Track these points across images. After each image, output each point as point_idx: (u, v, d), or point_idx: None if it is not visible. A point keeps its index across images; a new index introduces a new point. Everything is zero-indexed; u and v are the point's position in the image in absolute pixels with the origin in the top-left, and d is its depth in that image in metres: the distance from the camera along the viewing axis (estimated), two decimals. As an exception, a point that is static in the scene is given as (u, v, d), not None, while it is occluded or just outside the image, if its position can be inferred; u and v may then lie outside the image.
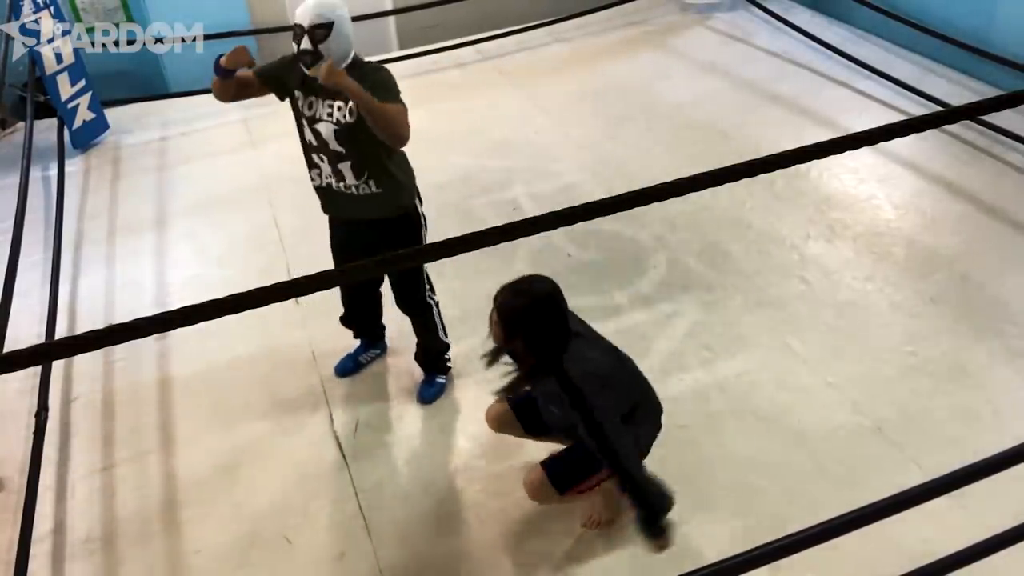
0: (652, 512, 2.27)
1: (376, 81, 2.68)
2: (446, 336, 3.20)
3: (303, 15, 2.61)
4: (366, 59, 2.80)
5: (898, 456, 2.89)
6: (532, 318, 2.27)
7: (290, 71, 2.75)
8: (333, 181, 2.84)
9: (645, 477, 2.32)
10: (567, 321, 2.34)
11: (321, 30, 2.59)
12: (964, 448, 2.82)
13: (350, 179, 2.81)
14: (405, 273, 3.01)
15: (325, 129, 2.74)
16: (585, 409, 2.27)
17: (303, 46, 2.62)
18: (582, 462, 2.47)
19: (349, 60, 2.69)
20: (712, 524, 2.69)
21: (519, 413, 2.69)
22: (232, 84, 2.76)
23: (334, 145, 2.75)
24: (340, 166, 2.79)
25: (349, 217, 2.96)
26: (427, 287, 3.09)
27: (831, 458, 2.90)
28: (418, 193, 3.00)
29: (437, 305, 3.15)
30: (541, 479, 2.50)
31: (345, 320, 3.32)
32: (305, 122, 2.79)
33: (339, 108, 2.70)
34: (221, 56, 2.68)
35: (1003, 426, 2.98)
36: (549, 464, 2.51)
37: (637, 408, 2.45)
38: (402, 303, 3.11)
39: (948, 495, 1.99)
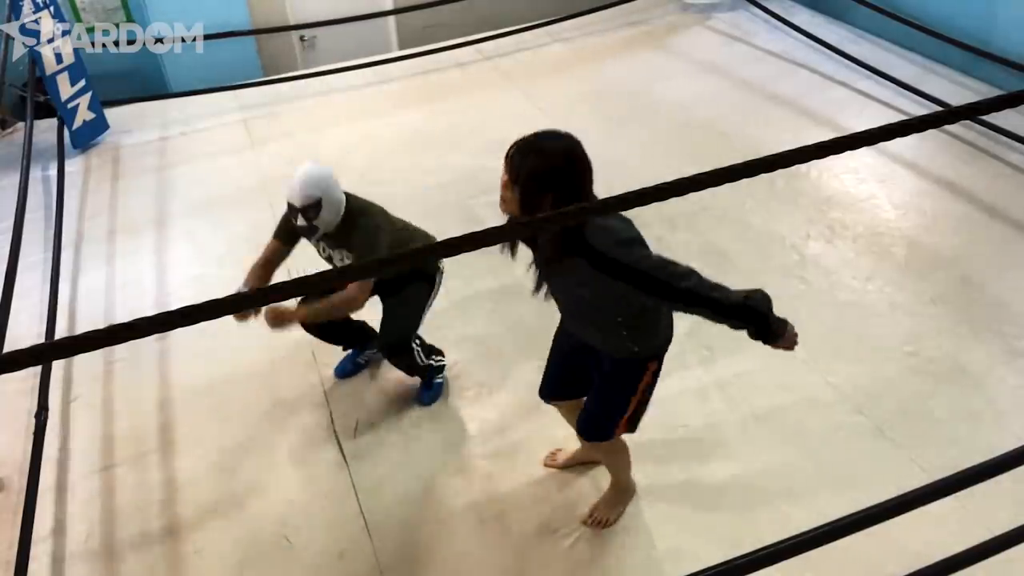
0: (763, 320, 2.07)
1: (359, 247, 2.80)
2: (429, 358, 3.17)
3: (292, 196, 2.73)
4: (356, 203, 2.87)
5: (899, 456, 2.89)
6: (560, 178, 1.97)
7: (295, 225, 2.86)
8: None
9: (731, 295, 2.06)
10: (592, 181, 2.04)
11: (312, 209, 2.72)
12: (964, 448, 2.82)
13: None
14: (392, 319, 3.03)
15: (335, 260, 2.96)
16: (629, 271, 1.97)
17: (299, 223, 2.77)
18: (614, 395, 2.33)
19: (342, 216, 2.81)
20: (712, 524, 2.68)
21: (562, 388, 2.59)
22: (260, 277, 2.87)
23: (338, 261, 2.96)
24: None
25: None
26: (417, 347, 3.10)
27: (831, 458, 2.90)
28: (436, 285, 3.12)
29: (420, 346, 3.13)
30: (593, 447, 2.50)
31: (324, 339, 3.31)
32: (323, 259, 3.02)
33: (341, 259, 2.91)
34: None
35: (1003, 426, 2.98)
36: (587, 431, 2.43)
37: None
38: (382, 341, 3.09)
39: (949, 495, 1.99)
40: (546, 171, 1.97)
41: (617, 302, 2.17)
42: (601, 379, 2.38)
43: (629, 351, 2.27)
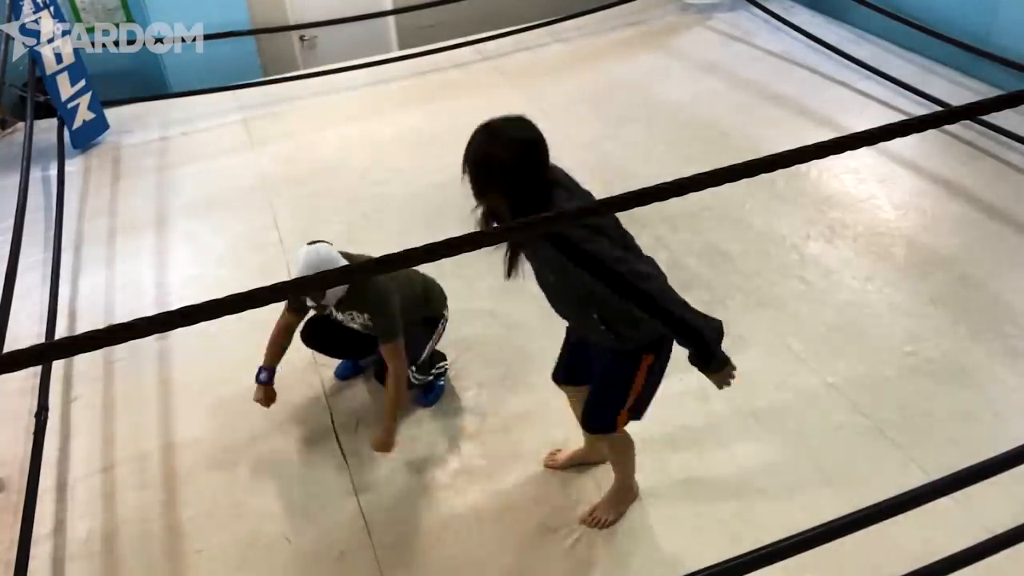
0: (705, 348, 2.06)
1: (379, 321, 2.86)
2: (427, 374, 3.19)
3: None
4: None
5: (898, 456, 2.89)
6: (508, 167, 2.00)
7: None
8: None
9: (687, 312, 2.05)
10: (547, 170, 2.07)
11: (318, 292, 2.75)
12: (964, 448, 2.82)
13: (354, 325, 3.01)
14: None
15: (352, 325, 3.01)
16: (589, 259, 1.97)
17: (309, 303, 2.86)
18: (610, 387, 2.33)
19: (346, 288, 2.84)
20: (712, 524, 2.68)
21: (572, 374, 2.61)
22: (280, 349, 3.03)
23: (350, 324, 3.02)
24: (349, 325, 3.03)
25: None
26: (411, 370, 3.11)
27: (831, 458, 2.90)
28: (443, 299, 3.21)
29: (415, 371, 3.14)
30: (597, 440, 2.54)
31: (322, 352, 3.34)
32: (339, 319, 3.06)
33: (353, 317, 2.94)
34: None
35: (1003, 426, 2.98)
36: (588, 423, 2.48)
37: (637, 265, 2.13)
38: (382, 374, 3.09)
39: (949, 495, 1.99)
40: (495, 161, 2.00)
41: (587, 294, 2.15)
42: (599, 370, 2.39)
43: (616, 344, 2.26)
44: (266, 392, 2.98)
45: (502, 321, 3.60)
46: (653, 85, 5.84)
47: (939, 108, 4.93)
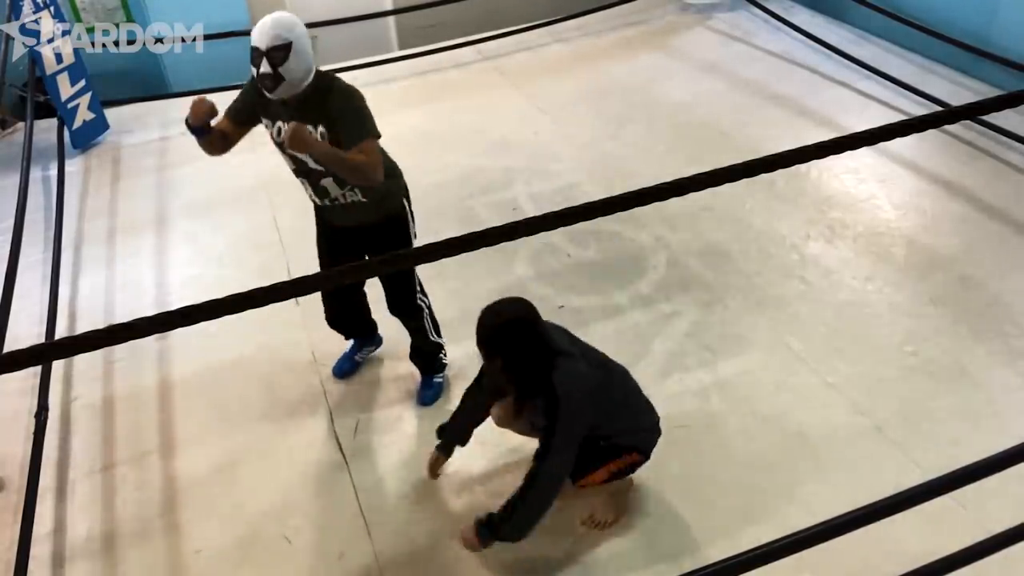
0: (498, 531, 2.39)
1: (346, 117, 2.61)
2: (438, 336, 3.20)
3: (259, 37, 2.51)
4: (335, 72, 2.73)
5: (898, 456, 2.89)
6: (506, 340, 2.34)
7: (254, 96, 2.68)
8: (318, 199, 2.83)
9: (538, 514, 2.39)
10: (545, 340, 2.38)
11: (279, 52, 2.49)
12: (964, 448, 2.82)
13: (334, 192, 2.76)
14: (396, 275, 2.99)
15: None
16: (552, 427, 2.32)
17: (262, 70, 2.51)
18: (592, 452, 2.47)
19: (310, 79, 2.59)
20: (712, 524, 2.68)
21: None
22: (214, 138, 2.73)
23: (312, 164, 2.69)
24: (323, 182, 2.74)
25: (337, 224, 2.93)
26: (417, 289, 3.08)
27: (831, 458, 2.90)
28: (407, 192, 2.96)
29: (428, 307, 3.14)
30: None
31: (330, 322, 3.29)
32: (278, 147, 2.75)
33: (308, 131, 2.62)
34: (187, 118, 2.64)
35: (1003, 426, 2.98)
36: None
37: (620, 423, 2.52)
38: (393, 306, 3.09)
39: (948, 495, 1.99)
40: (490, 337, 2.35)
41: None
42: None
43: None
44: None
45: (502, 321, 3.60)
46: (653, 85, 5.84)
47: (939, 108, 4.93)
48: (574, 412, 2.33)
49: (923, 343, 3.39)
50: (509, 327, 2.34)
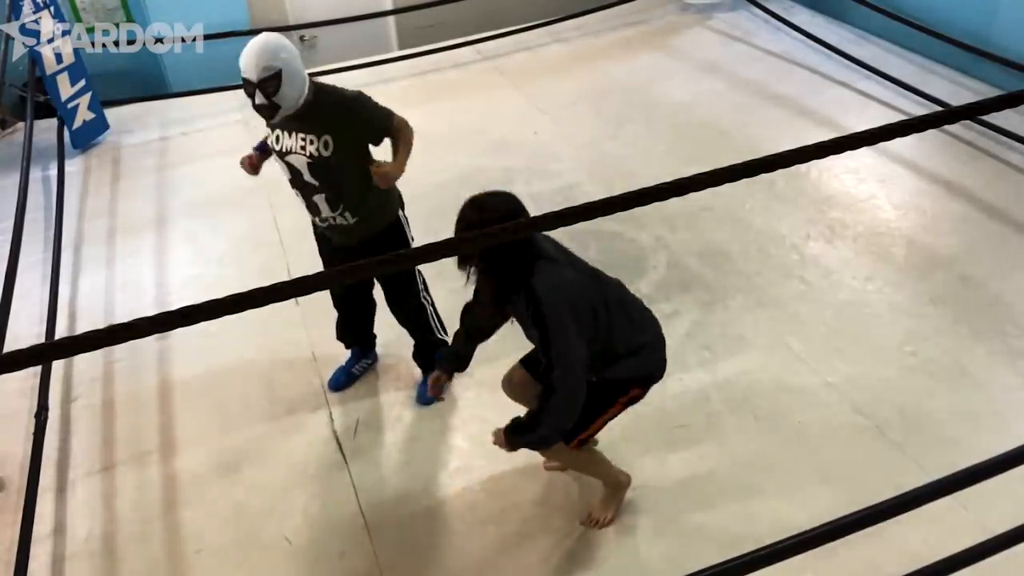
0: (532, 432, 2.33)
1: (365, 116, 2.65)
2: (444, 333, 3.19)
3: (248, 68, 2.48)
4: (324, 80, 2.73)
5: (898, 456, 2.89)
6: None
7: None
8: (311, 215, 2.83)
9: (563, 419, 2.29)
10: (529, 242, 2.22)
11: (271, 82, 2.48)
12: (964, 448, 2.82)
13: (325, 211, 2.76)
14: (396, 277, 2.99)
15: (298, 161, 2.67)
16: (543, 329, 2.19)
17: (257, 101, 2.51)
18: (589, 399, 2.39)
19: (305, 96, 2.58)
20: (712, 524, 2.68)
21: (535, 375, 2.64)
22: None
23: (307, 177, 2.68)
24: (315, 198, 2.73)
25: (336, 244, 2.94)
26: (420, 287, 3.08)
27: (831, 458, 2.90)
28: (400, 201, 2.98)
29: (432, 304, 3.14)
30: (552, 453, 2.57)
31: (340, 331, 3.29)
32: (277, 155, 2.75)
33: (311, 141, 2.62)
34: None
35: (1003, 426, 2.97)
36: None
37: (617, 336, 2.36)
38: (395, 306, 3.10)
39: (949, 496, 1.99)
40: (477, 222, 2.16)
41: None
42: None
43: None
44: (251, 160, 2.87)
45: (502, 321, 3.60)
46: (653, 85, 5.84)
47: (939, 108, 4.93)
48: (559, 310, 2.18)
49: (923, 343, 3.39)
50: (492, 224, 2.11)
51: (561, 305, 2.18)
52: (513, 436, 2.37)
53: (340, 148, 2.61)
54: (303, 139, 2.64)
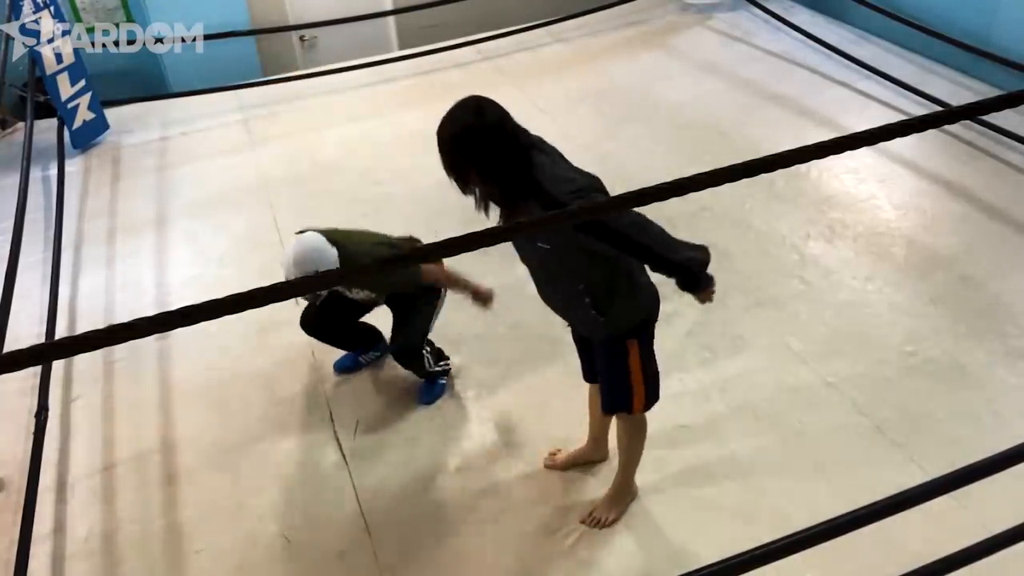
0: (695, 279, 2.24)
1: (390, 283, 2.96)
2: (438, 364, 3.22)
3: (288, 278, 2.65)
4: (345, 249, 2.84)
5: (898, 456, 2.89)
6: (474, 144, 2.07)
7: None
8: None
9: (679, 254, 2.22)
10: (519, 138, 2.13)
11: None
12: (964, 448, 2.82)
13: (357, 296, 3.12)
14: (405, 319, 3.11)
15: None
16: (595, 225, 2.06)
17: (317, 300, 2.97)
18: (613, 373, 2.39)
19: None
20: (712, 524, 2.68)
21: (590, 372, 2.64)
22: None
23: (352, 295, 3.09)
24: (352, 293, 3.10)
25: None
26: (426, 348, 3.15)
27: (831, 458, 2.90)
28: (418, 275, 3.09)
29: (429, 352, 3.18)
30: (615, 419, 2.57)
31: (307, 329, 3.29)
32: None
33: (356, 292, 3.05)
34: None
35: (1003, 426, 2.98)
36: (604, 406, 2.52)
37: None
38: (396, 336, 3.14)
39: (949, 495, 1.99)
40: (465, 139, 2.07)
41: (578, 264, 2.22)
42: (600, 363, 2.48)
43: (601, 328, 2.33)
44: None
45: (502, 321, 3.59)
46: (653, 85, 5.84)
47: (939, 108, 4.93)
48: (579, 195, 2.03)
49: (923, 343, 3.39)
50: (490, 128, 2.06)
51: (574, 192, 2.04)
52: (696, 288, 2.25)
53: (375, 297, 3.12)
54: (348, 291, 3.06)
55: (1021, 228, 4.05)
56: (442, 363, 3.25)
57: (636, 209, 2.03)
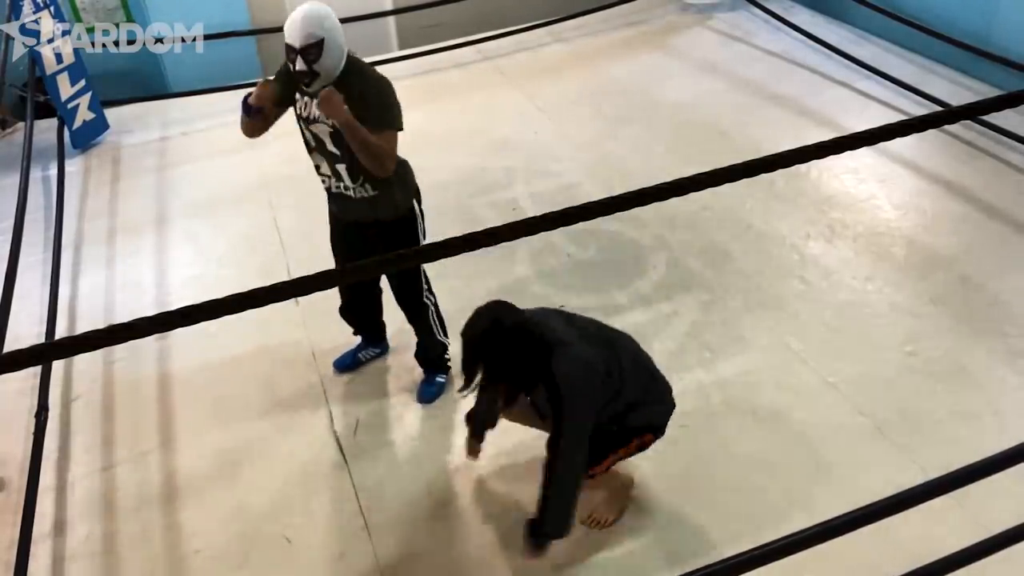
0: (545, 531, 2.40)
1: (376, 101, 2.66)
2: (444, 336, 3.20)
3: (292, 35, 2.55)
4: (364, 60, 2.77)
5: (898, 456, 2.89)
6: (490, 347, 2.31)
7: (289, 80, 2.71)
8: (332, 181, 2.85)
9: (570, 501, 2.38)
10: (528, 334, 2.32)
11: (313, 49, 2.54)
12: (964, 448, 2.82)
13: (347, 181, 2.81)
14: (403, 272, 3.01)
15: (321, 130, 2.73)
16: (559, 414, 2.30)
17: (298, 67, 2.58)
18: (603, 439, 2.45)
19: (342, 66, 2.63)
20: (712, 524, 2.68)
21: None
22: (261, 121, 2.77)
23: (330, 147, 2.75)
24: (337, 167, 2.79)
25: (349, 219, 2.96)
26: (424, 286, 3.09)
27: (831, 458, 2.90)
28: (417, 193, 3.00)
29: (435, 305, 3.15)
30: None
31: (344, 312, 3.30)
32: (302, 122, 2.79)
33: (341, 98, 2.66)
34: (248, 95, 2.68)
35: (1003, 426, 2.98)
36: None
37: (630, 396, 2.47)
38: (400, 301, 3.12)
39: (948, 495, 1.99)
40: (471, 345, 2.33)
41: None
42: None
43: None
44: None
45: (502, 321, 3.60)
46: (653, 85, 5.84)
47: (939, 108, 4.93)
48: (578, 398, 2.30)
49: (923, 343, 3.39)
50: (503, 334, 2.30)
51: (580, 389, 2.30)
52: (538, 538, 2.42)
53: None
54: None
55: (1021, 228, 4.05)
56: (447, 353, 3.25)
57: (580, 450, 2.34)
